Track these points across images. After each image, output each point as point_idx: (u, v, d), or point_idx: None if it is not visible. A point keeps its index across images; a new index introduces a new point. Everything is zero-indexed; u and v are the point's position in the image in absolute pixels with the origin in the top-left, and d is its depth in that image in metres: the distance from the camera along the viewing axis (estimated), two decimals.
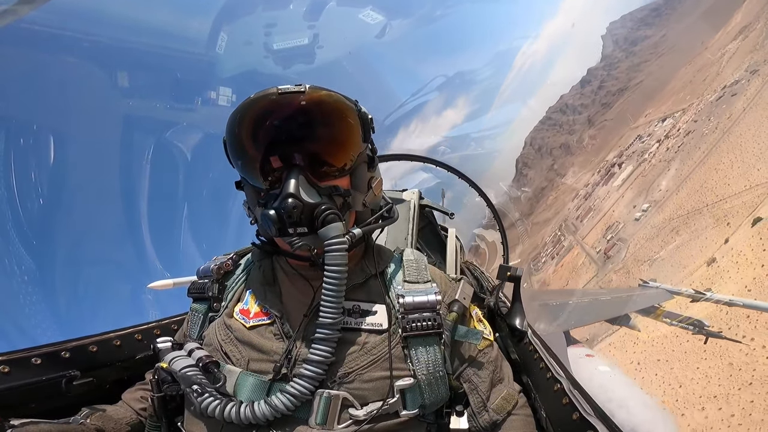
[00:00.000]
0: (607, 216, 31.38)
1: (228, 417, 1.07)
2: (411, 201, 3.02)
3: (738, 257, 16.28)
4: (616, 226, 28.77)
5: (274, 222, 1.10)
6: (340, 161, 1.21)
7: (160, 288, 2.42)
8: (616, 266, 24.82)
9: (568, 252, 32.55)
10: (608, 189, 34.85)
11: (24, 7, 4.75)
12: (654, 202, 26.94)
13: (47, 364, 1.46)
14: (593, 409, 1.20)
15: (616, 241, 27.00)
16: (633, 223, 27.20)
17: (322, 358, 1.10)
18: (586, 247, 30.10)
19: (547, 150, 55.30)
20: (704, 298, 9.68)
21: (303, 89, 1.14)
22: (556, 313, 5.96)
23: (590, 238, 30.85)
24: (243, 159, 1.20)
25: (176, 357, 1.17)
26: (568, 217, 36.68)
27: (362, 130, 1.25)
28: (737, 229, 17.59)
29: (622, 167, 35.91)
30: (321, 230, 1.10)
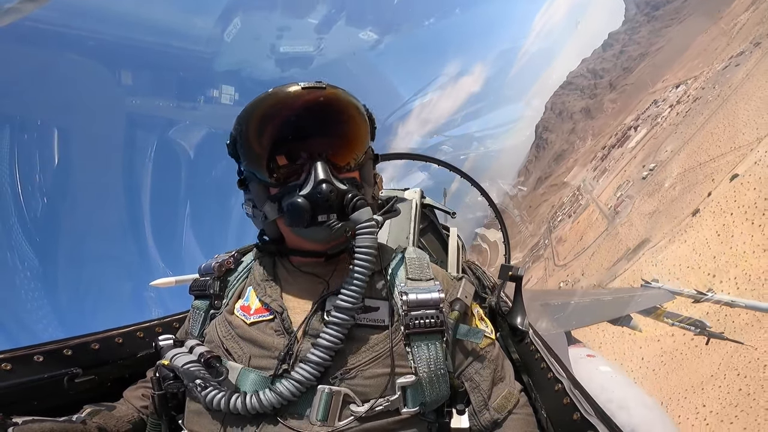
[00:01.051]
0: (620, 175, 33.83)
1: (234, 408, 1.07)
2: (413, 200, 3.02)
3: (715, 207, 19.39)
4: (626, 184, 31.37)
5: (305, 209, 1.12)
6: (353, 156, 1.26)
7: (163, 285, 2.43)
8: (622, 220, 27.74)
9: (584, 210, 35.07)
10: (623, 151, 37.18)
11: (28, 5, 4.76)
12: (660, 162, 29.38)
13: (49, 361, 1.47)
14: (594, 410, 1.20)
15: (625, 198, 29.76)
16: (640, 181, 29.77)
17: (331, 344, 1.11)
18: (599, 204, 32.58)
19: (567, 114, 55.82)
20: (705, 299, 9.67)
21: (324, 86, 1.18)
22: (558, 313, 5.96)
23: (604, 195, 33.51)
24: (257, 152, 1.21)
25: (178, 353, 1.17)
26: (586, 178, 38.74)
27: (369, 128, 1.31)
28: (718, 184, 20.64)
29: (638, 130, 37.95)
30: (354, 214, 1.14)
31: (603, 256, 27.00)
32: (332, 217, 1.15)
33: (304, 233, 1.24)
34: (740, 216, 17.46)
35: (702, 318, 11.07)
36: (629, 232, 25.42)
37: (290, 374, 1.09)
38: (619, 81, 50.99)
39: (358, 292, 1.14)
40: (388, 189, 3.30)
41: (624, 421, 1.28)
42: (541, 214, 40.26)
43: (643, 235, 23.74)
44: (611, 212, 30.52)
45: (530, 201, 49.11)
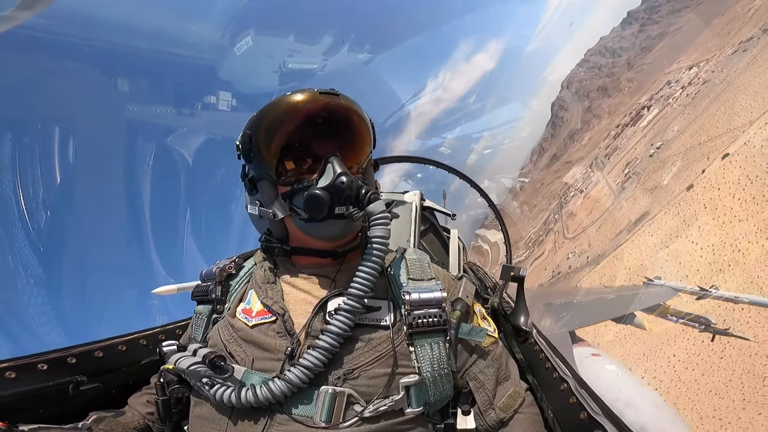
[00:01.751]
0: (630, 153, 35.68)
1: (246, 400, 1.07)
2: (413, 202, 3.02)
3: (707, 183, 21.57)
4: (635, 161, 33.08)
5: (324, 201, 1.16)
6: (360, 159, 1.34)
7: (165, 293, 2.43)
8: (627, 195, 29.68)
9: (594, 186, 36.81)
10: (635, 129, 38.68)
11: (23, 13, 4.76)
12: (666, 141, 31.12)
13: (53, 369, 1.47)
14: (601, 409, 1.19)
15: (632, 174, 31.61)
16: (647, 159, 31.46)
17: (341, 330, 1.12)
18: (608, 180, 34.49)
19: (584, 92, 56.26)
20: (709, 295, 9.67)
21: (338, 93, 1.26)
22: (561, 312, 5.95)
23: (614, 173, 35.36)
24: (272, 151, 1.25)
25: (182, 357, 1.19)
26: (598, 156, 40.23)
27: (372, 136, 1.37)
28: (712, 162, 22.69)
29: (650, 110, 39.41)
30: (369, 206, 1.17)
31: (608, 229, 29.21)
32: (350, 208, 1.19)
33: (318, 228, 1.26)
34: (726, 191, 19.92)
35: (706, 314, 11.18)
36: (633, 206, 27.47)
37: (298, 362, 1.10)
38: (636, 60, 51.48)
39: (371, 279, 1.16)
40: (388, 191, 3.30)
41: (632, 419, 1.27)
42: (553, 191, 42.27)
43: (645, 208, 25.93)
44: (618, 188, 32.40)
45: (543, 178, 49.97)
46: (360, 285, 1.14)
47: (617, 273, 22.90)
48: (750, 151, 20.61)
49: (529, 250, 39.78)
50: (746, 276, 14.27)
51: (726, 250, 16.30)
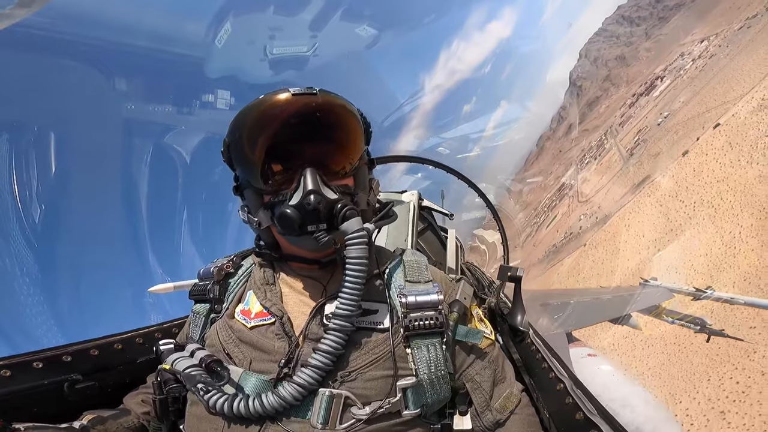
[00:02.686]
0: (641, 122, 38.40)
1: (237, 411, 1.07)
2: (411, 202, 3.02)
3: (699, 149, 25.16)
4: (645, 129, 35.80)
5: (294, 220, 1.12)
6: (348, 162, 1.26)
7: (161, 292, 2.42)
8: (635, 161, 32.52)
9: (608, 153, 39.18)
10: (648, 99, 40.89)
11: (20, 11, 4.75)
12: (672, 111, 33.81)
13: (49, 368, 1.47)
14: (597, 409, 1.20)
15: (641, 141, 34.41)
16: (655, 127, 34.31)
17: (333, 349, 1.10)
18: (619, 147, 37.20)
19: (602, 61, 56.70)
20: (705, 297, 9.71)
21: (315, 91, 1.18)
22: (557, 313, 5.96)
23: (626, 140, 38.00)
24: (249, 159, 1.21)
25: (179, 358, 1.17)
26: (613, 124, 42.51)
27: (364, 133, 1.31)
28: (705, 131, 25.97)
29: (663, 80, 41.62)
30: (343, 225, 1.13)
31: (616, 192, 31.93)
32: (321, 227, 1.14)
33: (295, 241, 1.24)
34: (711, 156, 23.49)
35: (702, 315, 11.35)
36: (638, 170, 30.56)
37: (292, 378, 1.09)
38: (654, 31, 51.96)
39: (354, 301, 1.13)
40: (386, 191, 3.30)
41: (628, 419, 1.27)
42: (570, 158, 44.01)
43: (647, 172, 29.01)
44: (628, 154, 35.05)
45: (561, 145, 51.17)
46: (345, 305, 1.13)
47: (620, 231, 26.22)
48: (736, 122, 24.09)
49: (544, 214, 42.24)
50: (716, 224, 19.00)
51: (705, 205, 20.21)
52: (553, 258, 34.18)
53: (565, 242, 34.37)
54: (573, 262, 29.42)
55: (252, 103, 1.19)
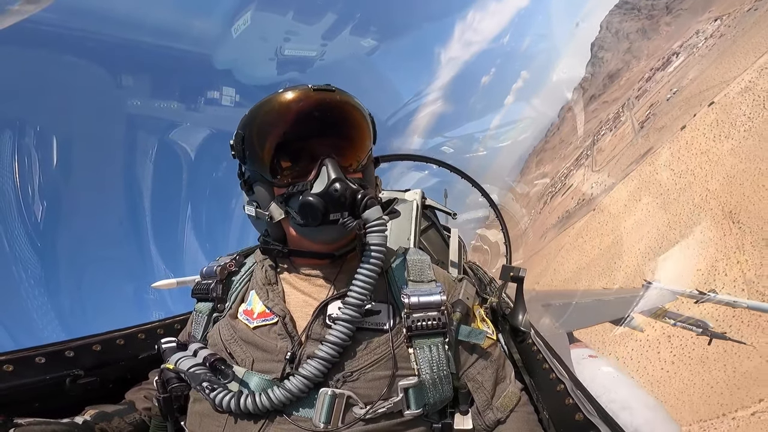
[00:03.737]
0: (654, 96, 39.79)
1: (245, 407, 1.07)
2: (414, 201, 3.02)
3: (694, 125, 26.90)
4: (656, 104, 37.35)
5: (318, 208, 1.13)
6: (358, 158, 1.29)
7: (164, 288, 2.43)
8: (643, 133, 34.42)
9: (623, 125, 40.88)
10: (663, 74, 42.31)
11: (29, 6, 4.77)
12: (681, 87, 35.39)
13: (51, 363, 1.47)
14: (596, 410, 1.20)
15: (650, 116, 36.36)
16: (665, 102, 35.90)
17: (340, 340, 1.11)
18: (633, 120, 38.98)
19: (623, 34, 56.82)
20: (707, 299, 9.66)
21: (333, 89, 1.21)
22: (559, 313, 5.96)
23: (639, 113, 39.54)
24: (266, 152, 1.22)
25: (182, 357, 1.18)
26: (630, 97, 44.20)
27: (372, 132, 1.33)
28: (701, 108, 27.67)
29: (678, 56, 42.99)
30: (365, 213, 1.14)
31: (624, 162, 33.74)
32: (345, 215, 1.15)
33: (314, 233, 1.24)
34: (701, 131, 25.90)
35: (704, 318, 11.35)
36: (645, 142, 32.59)
37: (299, 369, 1.10)
38: (675, 5, 51.88)
39: (368, 288, 1.14)
40: (390, 190, 3.30)
41: (627, 421, 1.27)
42: (588, 130, 45.59)
43: (651, 145, 31.08)
44: (639, 127, 36.99)
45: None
46: (358, 293, 1.13)
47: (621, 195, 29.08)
48: (726, 101, 26.40)
49: (560, 182, 43.82)
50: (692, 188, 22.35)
51: (688, 174, 23.07)
52: (565, 222, 36.23)
53: (577, 208, 36.41)
54: (583, 224, 31.61)
55: (271, 95, 1.21)
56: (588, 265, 27.01)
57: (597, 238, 28.42)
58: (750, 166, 21.21)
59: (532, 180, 44.95)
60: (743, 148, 22.56)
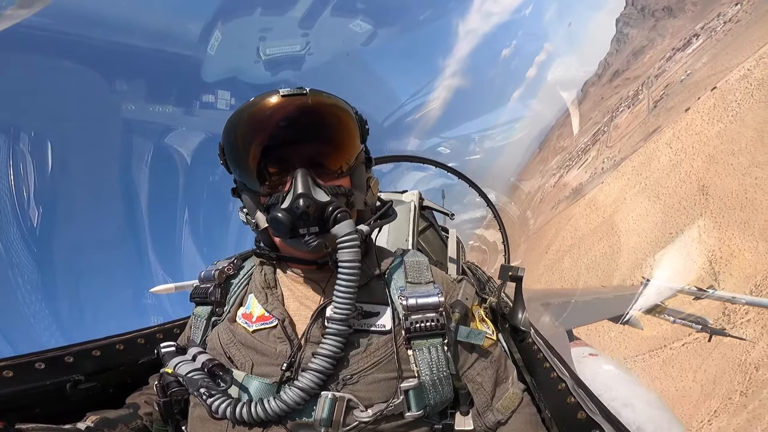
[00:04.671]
0: (671, 77, 41.33)
1: (240, 416, 1.07)
2: (411, 202, 3.02)
3: (697, 107, 28.83)
4: (672, 84, 38.83)
5: (284, 224, 1.11)
6: (342, 162, 1.25)
7: (163, 292, 2.43)
8: (656, 112, 36.03)
9: (640, 103, 42.24)
10: (683, 55, 43.49)
11: (22, 11, 4.75)
12: (694, 70, 37.03)
13: (51, 368, 1.47)
14: (598, 408, 1.20)
15: (664, 96, 37.76)
16: (678, 84, 37.44)
17: (332, 352, 1.10)
18: (649, 99, 40.53)
19: (649, 11, 57.41)
20: (706, 296, 9.68)
21: (305, 91, 1.16)
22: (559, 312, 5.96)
23: (656, 93, 40.91)
24: (243, 163, 1.20)
25: (181, 362, 1.17)
26: (650, 75, 45.51)
27: (360, 131, 1.30)
28: (705, 92, 29.52)
29: (698, 38, 43.91)
30: (334, 228, 1.12)
31: (635, 139, 35.73)
32: (312, 231, 1.13)
33: (289, 243, 1.23)
34: (700, 114, 28.19)
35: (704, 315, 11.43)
36: (654, 121, 34.58)
37: (294, 382, 1.09)
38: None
39: (347, 305, 1.12)
40: (387, 191, 3.30)
41: (629, 419, 1.28)
42: (608, 106, 46.90)
43: (659, 124, 33.23)
44: (652, 105, 38.60)
45: (602, 92, 52.19)
46: (339, 311, 1.12)
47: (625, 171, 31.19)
48: (726, 87, 28.44)
49: (577, 157, 44.32)
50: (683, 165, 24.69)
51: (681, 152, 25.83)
52: (577, 195, 37.61)
53: (589, 181, 38.02)
54: (592, 196, 33.83)
55: (242, 106, 1.19)
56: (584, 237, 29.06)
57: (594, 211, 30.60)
58: (728, 147, 24.45)
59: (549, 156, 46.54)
60: (727, 131, 25.62)
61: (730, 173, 22.49)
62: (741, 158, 22.78)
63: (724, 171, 22.92)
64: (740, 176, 21.95)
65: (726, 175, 22.57)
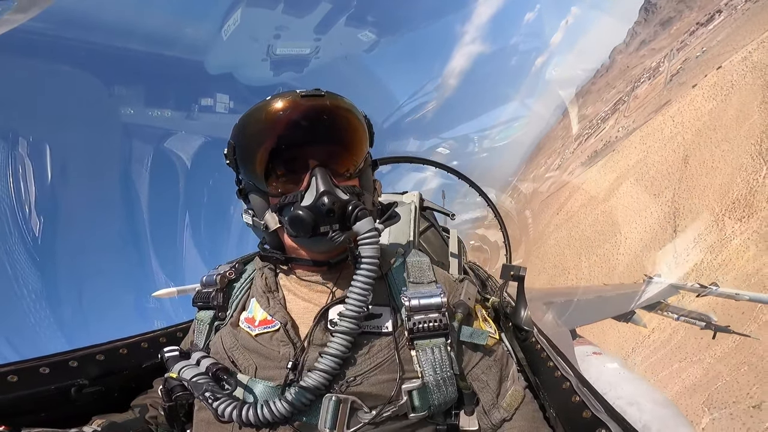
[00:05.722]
0: (689, 52, 44.58)
1: (246, 418, 1.07)
2: (412, 203, 3.02)
3: (703, 84, 32.64)
4: (689, 60, 42.08)
5: (307, 221, 1.11)
6: (353, 163, 1.26)
7: (165, 296, 2.43)
8: (671, 85, 39.45)
9: (660, 75, 45.56)
10: (704, 31, 46.00)
11: (19, 16, 4.76)
12: (708, 48, 40.38)
13: (55, 373, 1.47)
14: (603, 407, 1.19)
15: (680, 70, 40.80)
16: (694, 59, 40.91)
17: (340, 352, 1.11)
18: (668, 72, 43.76)
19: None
20: (709, 293, 9.65)
21: (323, 93, 1.18)
22: (561, 311, 5.95)
23: (674, 66, 44.17)
24: (256, 162, 1.20)
25: (185, 366, 1.17)
26: (672, 48, 48.94)
27: (368, 134, 1.32)
28: (711, 70, 33.38)
29: (721, 14, 46.32)
30: (356, 225, 1.13)
31: (648, 109, 39.47)
32: (335, 228, 1.14)
33: (307, 243, 1.23)
34: (702, 91, 31.82)
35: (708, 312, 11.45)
36: (667, 94, 38.08)
37: (300, 383, 1.09)
38: None
39: (363, 301, 1.13)
40: (387, 192, 3.30)
41: (635, 417, 1.27)
42: (632, 75, 50.31)
43: (669, 97, 36.85)
44: (667, 78, 41.79)
45: (628, 61, 54.73)
46: (354, 305, 1.13)
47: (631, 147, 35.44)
48: (729, 67, 31.48)
49: (595, 127, 48.67)
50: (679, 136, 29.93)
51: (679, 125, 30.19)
52: (592, 161, 41.57)
53: (603, 149, 41.53)
54: (605, 161, 37.60)
55: (259, 104, 1.19)
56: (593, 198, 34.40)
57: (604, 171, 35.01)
58: (712, 123, 28.79)
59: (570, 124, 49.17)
60: (716, 109, 29.70)
61: (707, 146, 27.01)
62: (718, 133, 27.64)
63: (703, 143, 27.33)
64: (712, 148, 27.16)
65: (704, 147, 27.01)
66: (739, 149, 25.41)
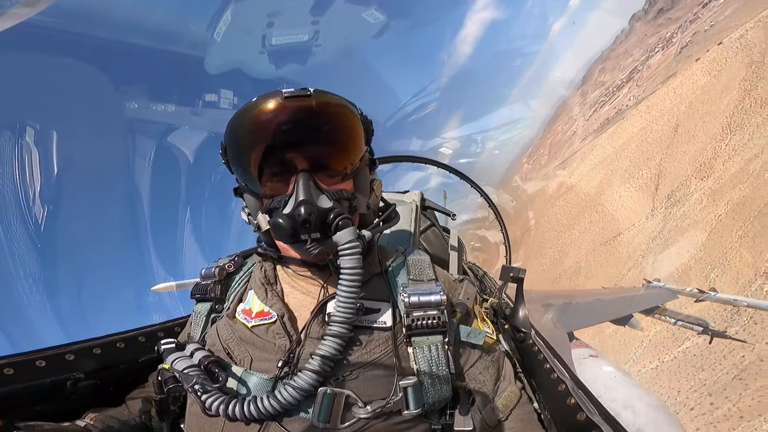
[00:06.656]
0: (700, 25, 45.37)
1: (232, 413, 1.06)
2: (413, 203, 3.01)
3: (705, 58, 35.26)
4: (698, 33, 43.35)
5: (286, 229, 1.10)
6: (345, 165, 1.23)
7: (164, 290, 2.43)
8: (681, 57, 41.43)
9: (672, 46, 46.96)
10: (716, 4, 46.44)
11: (26, 10, 4.77)
12: (716, 23, 41.06)
13: (52, 366, 1.47)
14: (598, 410, 1.20)
15: (689, 43, 42.45)
16: (702, 33, 42.16)
17: (330, 354, 1.10)
18: (680, 43, 45.28)
19: None
20: (707, 298, 9.67)
21: (308, 93, 1.14)
22: (560, 313, 5.95)
23: (685, 38, 45.49)
24: (245, 165, 1.19)
25: (178, 358, 1.17)
26: (686, 20, 49.62)
27: (364, 133, 1.28)
28: (713, 46, 35.71)
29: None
30: (335, 235, 1.11)
31: (657, 80, 41.57)
32: (313, 237, 1.12)
33: (291, 246, 1.23)
34: (701, 64, 34.54)
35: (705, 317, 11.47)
36: (676, 64, 40.75)
37: (290, 381, 1.09)
38: None
39: (349, 310, 1.12)
40: (388, 191, 3.30)
41: (629, 420, 1.28)
42: (649, 44, 51.95)
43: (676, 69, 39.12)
44: (677, 51, 43.60)
45: (646, 30, 55.97)
46: (339, 314, 1.11)
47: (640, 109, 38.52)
48: (729, 43, 33.66)
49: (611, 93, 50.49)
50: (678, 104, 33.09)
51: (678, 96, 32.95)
52: (603, 129, 43.73)
53: (614, 116, 43.83)
54: (614, 129, 40.30)
55: (244, 107, 1.17)
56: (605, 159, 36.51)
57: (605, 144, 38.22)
58: (702, 96, 31.66)
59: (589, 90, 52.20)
60: (709, 84, 32.43)
61: (693, 116, 30.53)
62: (705, 106, 31.00)
63: (691, 114, 30.64)
64: (697, 119, 30.80)
65: (692, 118, 30.40)
66: (715, 121, 29.95)
